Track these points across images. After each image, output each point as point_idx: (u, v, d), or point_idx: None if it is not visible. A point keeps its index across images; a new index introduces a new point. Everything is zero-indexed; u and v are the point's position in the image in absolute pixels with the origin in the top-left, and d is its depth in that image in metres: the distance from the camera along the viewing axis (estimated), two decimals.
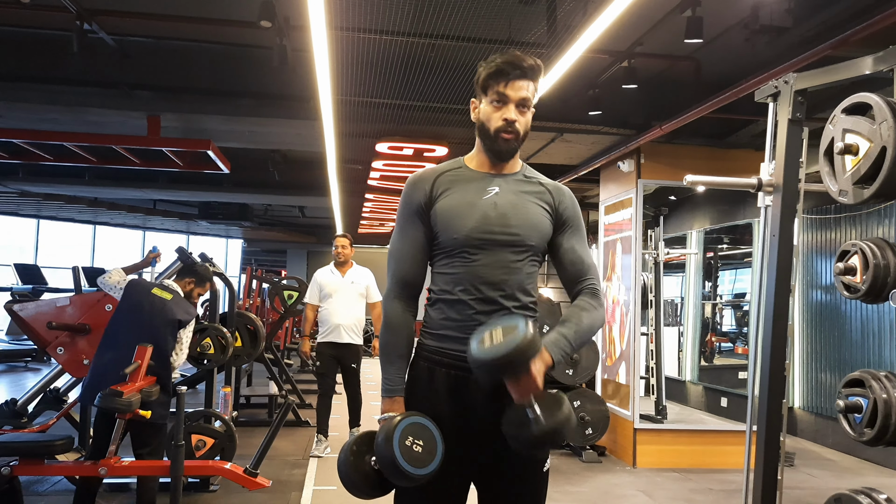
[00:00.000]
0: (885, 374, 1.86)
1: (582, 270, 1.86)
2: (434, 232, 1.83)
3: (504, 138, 1.80)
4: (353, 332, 5.63)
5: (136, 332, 3.61)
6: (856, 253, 1.97)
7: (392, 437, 1.65)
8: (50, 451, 3.61)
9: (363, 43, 4.39)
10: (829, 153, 2.03)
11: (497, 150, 1.83)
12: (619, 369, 6.11)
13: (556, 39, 4.08)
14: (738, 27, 4.28)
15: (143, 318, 3.65)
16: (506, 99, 1.79)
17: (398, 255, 1.87)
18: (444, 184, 1.85)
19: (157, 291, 3.74)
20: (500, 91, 1.78)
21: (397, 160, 6.81)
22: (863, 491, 1.84)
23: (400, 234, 1.88)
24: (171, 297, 3.75)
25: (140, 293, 3.74)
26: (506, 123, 1.79)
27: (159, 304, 3.70)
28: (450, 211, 1.80)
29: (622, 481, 5.28)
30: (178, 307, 3.75)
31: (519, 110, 1.80)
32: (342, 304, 5.63)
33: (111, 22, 4.62)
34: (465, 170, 1.88)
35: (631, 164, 5.94)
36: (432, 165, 1.93)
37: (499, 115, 1.80)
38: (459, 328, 1.77)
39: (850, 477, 5.71)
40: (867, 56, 2.12)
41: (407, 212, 1.86)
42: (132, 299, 3.72)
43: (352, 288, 5.71)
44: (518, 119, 1.80)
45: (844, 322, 6.64)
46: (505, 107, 1.79)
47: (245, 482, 3.93)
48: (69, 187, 9.97)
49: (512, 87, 1.78)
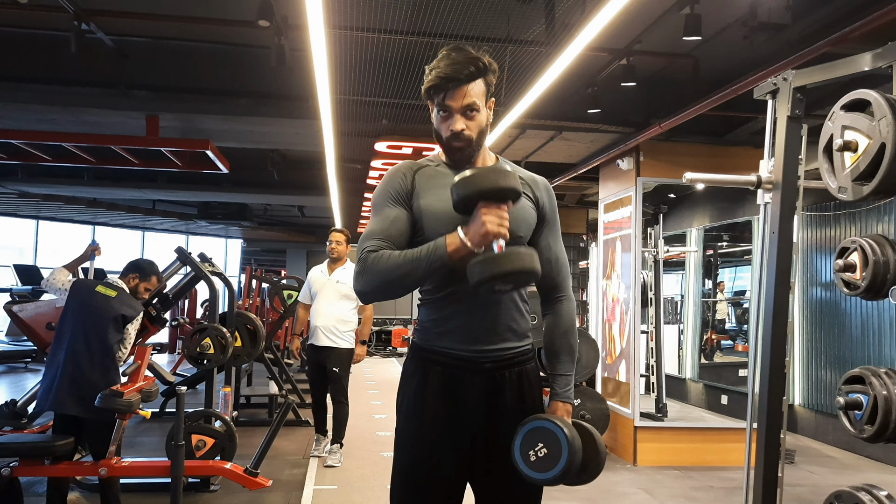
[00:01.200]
0: (885, 370, 1.86)
1: (556, 269, 1.91)
2: (417, 229, 1.78)
3: (455, 147, 1.77)
4: (332, 335, 5.28)
5: (82, 330, 3.64)
6: (855, 250, 1.96)
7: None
8: (50, 451, 3.62)
9: (362, 42, 4.38)
10: (828, 150, 2.03)
11: (453, 159, 1.81)
12: (620, 367, 6.11)
13: (554, 37, 4.08)
14: (737, 24, 4.27)
15: (88, 316, 3.68)
16: (449, 110, 1.74)
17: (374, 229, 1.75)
18: (424, 179, 1.80)
19: (101, 289, 3.76)
20: (442, 103, 1.74)
21: (396, 159, 6.80)
22: (863, 487, 1.84)
23: (379, 218, 1.77)
24: (115, 293, 3.77)
25: (84, 292, 3.76)
26: (452, 134, 1.75)
27: (103, 301, 3.72)
28: (434, 208, 1.76)
29: (623, 479, 5.28)
30: (122, 303, 3.76)
31: (466, 116, 1.74)
32: (323, 304, 5.37)
33: (109, 22, 4.62)
34: (442, 166, 1.84)
35: (630, 161, 5.93)
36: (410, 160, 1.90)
37: (446, 125, 1.76)
38: (455, 326, 1.77)
39: (851, 473, 5.72)
40: (866, 52, 2.12)
41: (387, 197, 1.78)
42: (77, 299, 3.75)
43: (335, 287, 5.39)
44: (466, 126, 1.75)
45: (844, 319, 6.64)
46: (451, 117, 1.74)
47: (245, 482, 3.94)
48: (68, 188, 9.96)
49: (451, 98, 1.72)
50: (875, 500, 1.79)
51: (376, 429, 6.81)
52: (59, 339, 3.69)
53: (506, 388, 1.79)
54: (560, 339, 1.91)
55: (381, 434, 6.55)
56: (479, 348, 1.77)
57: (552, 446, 1.68)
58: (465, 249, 1.61)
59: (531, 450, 1.69)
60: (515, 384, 1.81)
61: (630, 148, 5.81)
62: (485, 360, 1.77)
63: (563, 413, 1.82)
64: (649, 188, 6.69)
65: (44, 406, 3.60)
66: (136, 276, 4.01)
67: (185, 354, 4.79)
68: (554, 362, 1.90)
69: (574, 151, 6.66)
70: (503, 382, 1.79)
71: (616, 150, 5.95)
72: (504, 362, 1.80)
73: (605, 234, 6.58)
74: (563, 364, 1.89)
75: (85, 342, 3.63)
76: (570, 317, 1.93)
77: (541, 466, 1.68)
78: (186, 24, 4.72)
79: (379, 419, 7.36)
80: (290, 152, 8.16)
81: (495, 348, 1.79)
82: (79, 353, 3.61)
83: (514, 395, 1.80)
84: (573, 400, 1.88)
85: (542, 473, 1.67)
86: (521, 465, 1.69)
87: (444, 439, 1.76)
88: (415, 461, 1.79)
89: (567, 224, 9.83)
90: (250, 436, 5.88)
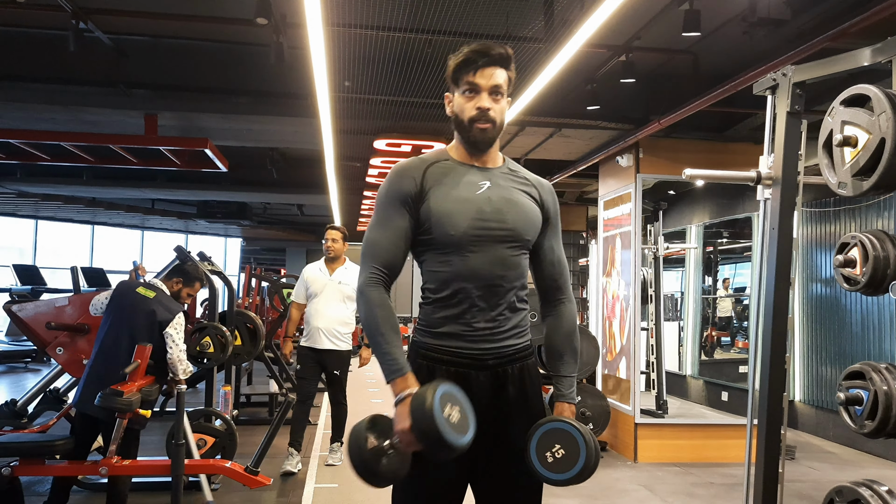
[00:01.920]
0: (885, 366, 1.86)
1: (559, 271, 1.94)
2: (425, 226, 1.78)
3: (479, 128, 1.78)
4: (334, 338, 5.11)
5: (116, 330, 3.64)
6: (855, 245, 1.96)
7: (433, 409, 1.53)
8: (50, 451, 3.62)
9: (360, 39, 4.37)
10: (827, 145, 2.02)
11: (473, 141, 1.80)
12: (620, 364, 6.11)
13: (553, 34, 4.07)
14: (736, 20, 4.27)
15: (123, 316, 3.67)
16: (477, 88, 1.76)
17: (379, 243, 1.78)
18: (434, 176, 1.80)
19: (141, 290, 3.75)
20: (471, 80, 1.76)
21: (396, 157, 6.80)
22: (864, 483, 1.84)
23: (381, 223, 1.79)
24: (153, 294, 3.75)
25: (124, 292, 3.77)
26: (479, 112, 1.76)
27: (141, 301, 3.70)
28: (444, 208, 1.76)
29: (623, 476, 5.29)
30: (160, 305, 3.72)
31: (492, 98, 1.77)
32: (325, 305, 5.15)
33: (107, 21, 4.61)
34: (452, 161, 1.85)
35: (630, 158, 5.93)
36: (417, 156, 1.89)
37: (472, 104, 1.77)
38: (458, 325, 1.77)
39: (851, 469, 5.72)
40: (865, 47, 2.11)
41: (391, 200, 1.79)
42: (116, 299, 3.76)
43: (338, 288, 5.18)
44: (492, 107, 1.77)
45: (845, 315, 6.65)
46: (477, 96, 1.77)
47: (246, 480, 3.94)
48: (67, 187, 9.95)
49: (482, 74, 1.76)
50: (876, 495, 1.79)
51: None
52: (100, 339, 3.70)
53: (509, 385, 1.80)
54: (563, 342, 1.92)
55: None
56: (482, 347, 1.77)
57: (570, 447, 1.69)
58: None
59: (548, 451, 1.70)
60: (518, 380, 1.81)
61: (630, 144, 5.81)
62: (487, 357, 1.77)
63: (569, 413, 1.84)
64: (649, 185, 6.69)
65: (87, 407, 3.55)
66: (179, 280, 3.99)
67: None
68: (558, 364, 1.91)
69: (573, 148, 6.66)
70: (506, 378, 1.80)
71: (615, 146, 5.94)
72: (506, 359, 1.80)
73: (604, 231, 6.58)
74: (567, 366, 1.91)
75: (116, 342, 3.62)
76: (571, 319, 1.95)
77: (558, 467, 1.69)
78: (185, 22, 4.71)
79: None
80: (290, 151, 8.15)
81: (497, 346, 1.79)
82: (109, 352, 3.61)
83: (517, 392, 1.81)
84: (576, 399, 1.90)
85: (560, 474, 1.69)
86: (538, 466, 1.70)
87: None
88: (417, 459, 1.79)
89: (567, 221, 9.82)
90: (251, 434, 5.88)
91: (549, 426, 1.72)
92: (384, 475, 1.67)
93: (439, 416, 1.53)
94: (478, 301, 1.76)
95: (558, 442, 1.70)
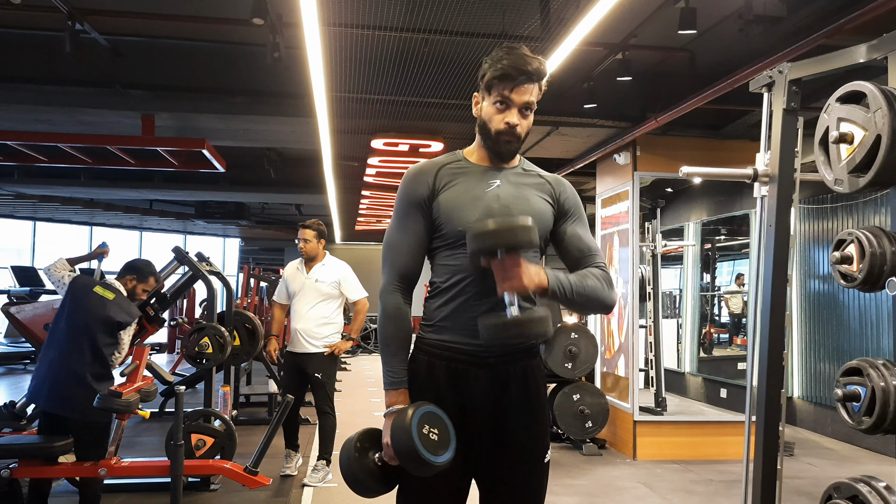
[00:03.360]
0: (882, 362, 1.86)
1: (589, 257, 1.84)
2: (437, 224, 1.81)
3: (505, 141, 1.80)
4: (312, 339, 4.77)
5: (76, 330, 3.60)
6: (852, 242, 1.96)
7: (410, 428, 1.63)
8: (49, 452, 3.61)
9: (356, 39, 4.37)
10: (824, 142, 2.03)
11: (497, 152, 1.83)
12: (618, 362, 6.11)
13: (549, 33, 4.07)
14: (732, 17, 4.27)
15: (82, 316, 3.63)
16: (510, 102, 1.77)
17: (397, 247, 1.84)
18: (447, 176, 1.83)
19: (99, 290, 3.70)
20: (505, 95, 1.76)
21: (393, 156, 6.80)
22: (862, 479, 1.84)
23: (399, 227, 1.85)
24: (113, 296, 3.71)
25: (82, 291, 3.70)
26: (508, 127, 1.78)
27: (99, 302, 3.66)
28: (453, 203, 1.79)
29: (622, 473, 5.29)
30: (119, 308, 3.70)
31: (522, 114, 1.79)
32: (303, 305, 4.84)
33: (103, 21, 4.60)
34: (466, 163, 1.87)
35: (627, 156, 5.93)
36: (431, 159, 1.91)
37: (501, 117, 1.78)
38: (460, 321, 1.77)
39: (850, 465, 5.73)
40: (861, 44, 2.11)
41: (407, 204, 1.84)
42: (74, 297, 3.69)
43: (315, 287, 4.83)
44: (520, 123, 1.79)
45: (842, 311, 6.66)
46: (508, 110, 1.78)
47: (245, 480, 3.94)
48: (65, 188, 9.94)
49: (517, 91, 1.76)
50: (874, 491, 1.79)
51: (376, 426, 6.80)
52: (53, 335, 3.65)
53: (511, 383, 1.79)
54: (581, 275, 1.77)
55: None
56: (482, 343, 1.76)
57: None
58: None
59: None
60: (521, 379, 1.81)
61: (627, 142, 5.81)
62: (489, 354, 1.77)
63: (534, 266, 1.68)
64: (646, 182, 6.70)
65: (32, 400, 3.59)
66: (133, 277, 3.97)
67: (184, 354, 4.79)
68: None
69: (571, 147, 6.66)
70: (508, 377, 1.79)
71: (613, 144, 5.95)
72: (508, 357, 1.79)
73: (602, 230, 6.58)
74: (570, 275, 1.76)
75: (77, 342, 3.59)
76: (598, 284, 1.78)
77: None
78: (181, 22, 4.71)
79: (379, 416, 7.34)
80: (287, 150, 8.14)
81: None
82: (70, 352, 3.57)
83: (520, 391, 1.80)
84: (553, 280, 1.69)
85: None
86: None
87: None
88: None
89: None
90: (250, 434, 5.88)
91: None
92: (370, 486, 1.78)
93: (416, 434, 1.63)
94: (478, 295, 1.76)
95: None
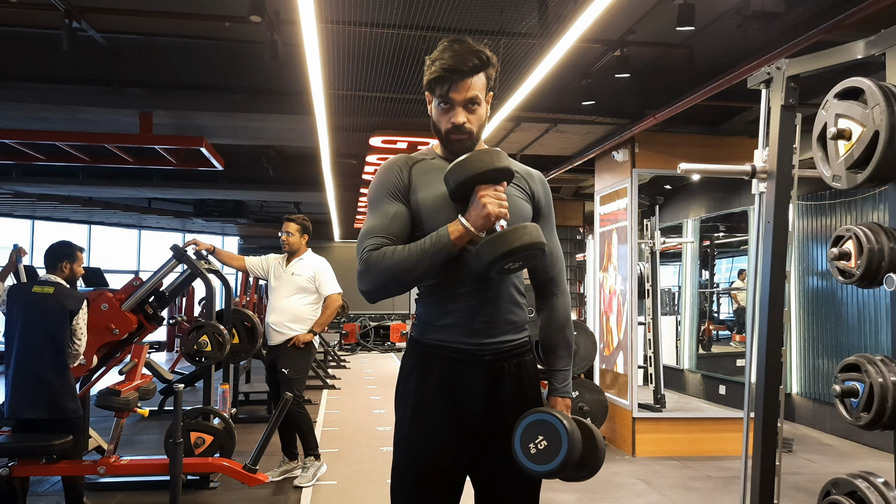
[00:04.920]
0: (880, 358, 1.86)
1: (551, 263, 1.92)
2: (416, 223, 1.77)
3: (455, 139, 1.77)
4: (282, 328, 4.70)
5: (28, 334, 3.64)
6: (850, 238, 1.96)
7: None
8: (48, 451, 3.62)
9: (354, 36, 4.37)
10: (822, 138, 2.02)
11: (451, 150, 1.80)
12: (617, 359, 6.12)
13: (547, 29, 4.07)
14: (731, 13, 4.27)
15: (31, 319, 3.67)
16: (452, 102, 1.73)
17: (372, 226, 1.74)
18: (420, 173, 1.80)
19: (38, 289, 3.74)
20: (444, 95, 1.73)
21: (392, 154, 6.78)
22: (860, 475, 1.84)
23: (373, 213, 1.77)
24: (52, 290, 3.75)
25: (22, 296, 3.74)
26: (453, 127, 1.75)
27: (41, 300, 3.70)
28: (431, 206, 1.75)
29: (621, 470, 5.30)
30: (64, 297, 3.74)
31: (468, 109, 1.74)
32: (277, 298, 4.80)
33: (100, 19, 4.60)
34: (438, 160, 1.84)
35: (625, 153, 5.93)
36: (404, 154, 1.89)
37: (447, 117, 1.75)
38: (455, 320, 1.77)
39: (848, 461, 5.74)
40: (859, 40, 2.11)
41: (383, 193, 1.78)
42: (17, 304, 3.73)
43: (291, 280, 4.78)
44: (468, 119, 1.75)
45: (841, 307, 6.66)
46: (452, 110, 1.74)
47: (244, 478, 3.95)
48: (63, 187, 9.92)
49: (455, 90, 1.71)
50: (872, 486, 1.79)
51: (375, 423, 6.82)
52: (8, 346, 3.68)
53: (505, 381, 1.80)
54: (557, 335, 1.92)
55: (380, 429, 6.56)
56: (478, 341, 1.77)
57: (552, 439, 1.69)
58: (468, 235, 1.65)
59: (531, 442, 1.70)
60: (515, 376, 1.81)
61: (625, 139, 5.81)
62: (484, 352, 1.77)
63: (563, 408, 1.85)
64: (645, 179, 6.69)
65: (11, 415, 3.62)
66: (65, 262, 3.96)
67: (183, 352, 4.79)
68: (552, 358, 1.92)
69: (569, 144, 6.66)
70: (502, 375, 1.79)
71: (611, 141, 5.94)
72: (503, 355, 1.80)
73: (601, 227, 6.58)
74: (561, 359, 1.91)
75: (33, 345, 3.62)
76: (565, 312, 1.94)
77: (541, 459, 1.69)
78: (178, 20, 4.70)
79: (378, 414, 7.37)
80: (285, 148, 8.13)
81: (494, 341, 1.78)
82: (28, 356, 3.62)
83: (514, 387, 1.81)
84: (571, 394, 1.91)
85: (542, 466, 1.69)
86: (522, 458, 1.71)
87: (444, 433, 1.76)
88: (415, 455, 1.79)
89: (563, 217, 9.83)
90: (249, 432, 5.89)
91: (533, 418, 1.72)
92: None
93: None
94: (470, 296, 1.76)
95: (541, 433, 1.70)
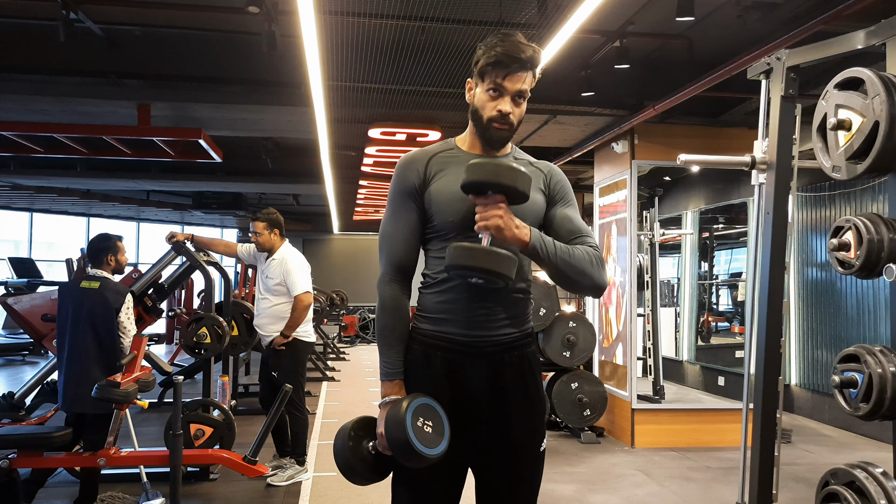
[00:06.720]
0: (879, 348, 1.87)
1: (580, 238, 1.79)
2: (428, 214, 1.80)
3: (496, 128, 1.78)
4: (265, 333, 4.65)
5: (80, 330, 3.69)
6: (849, 228, 1.96)
7: (405, 420, 1.64)
8: (48, 443, 3.63)
9: (353, 27, 4.34)
10: (822, 129, 2.02)
11: (489, 139, 1.81)
12: (616, 350, 6.12)
13: (546, 20, 4.05)
14: (730, 4, 4.24)
15: (82, 315, 3.72)
16: (503, 90, 1.75)
17: (391, 237, 1.83)
18: (438, 165, 1.82)
19: (85, 284, 3.79)
20: (498, 82, 1.74)
21: (390, 145, 6.77)
22: (859, 465, 1.85)
23: (392, 217, 1.84)
24: (98, 284, 3.79)
25: (71, 292, 3.79)
26: (500, 115, 1.76)
27: (91, 295, 3.75)
28: (444, 194, 1.78)
29: (621, 461, 5.31)
30: (109, 291, 3.78)
31: (514, 101, 1.77)
32: (258, 301, 4.75)
33: (97, 10, 4.57)
34: (457, 151, 1.86)
35: (625, 145, 5.92)
36: (422, 147, 1.90)
37: (493, 104, 1.76)
38: (455, 312, 1.77)
39: (847, 452, 5.76)
40: (859, 30, 2.11)
41: (399, 193, 1.83)
42: (67, 301, 3.78)
43: (264, 281, 4.71)
44: (513, 111, 1.77)
45: (840, 298, 6.67)
46: (501, 98, 1.76)
47: (244, 470, 3.96)
48: (61, 179, 9.90)
49: (510, 79, 1.74)
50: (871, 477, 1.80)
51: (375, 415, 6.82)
52: (61, 342, 3.76)
53: (507, 372, 1.80)
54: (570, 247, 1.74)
55: None
56: (480, 334, 1.77)
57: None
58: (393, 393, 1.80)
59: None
60: (517, 367, 1.81)
61: (624, 131, 5.80)
62: (484, 344, 1.77)
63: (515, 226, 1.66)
64: (644, 171, 6.69)
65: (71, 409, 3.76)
66: (109, 256, 3.98)
67: (183, 344, 4.79)
68: None
69: (568, 135, 6.64)
70: (504, 366, 1.79)
71: (610, 133, 5.93)
72: (504, 346, 1.80)
73: (600, 218, 6.58)
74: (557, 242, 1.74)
75: (83, 341, 3.69)
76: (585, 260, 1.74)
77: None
78: (176, 11, 4.67)
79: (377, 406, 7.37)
80: (284, 140, 8.11)
81: (495, 334, 1.78)
82: (80, 352, 3.69)
83: (515, 379, 1.81)
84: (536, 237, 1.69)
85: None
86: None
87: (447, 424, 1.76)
88: None
89: None
90: (249, 424, 5.90)
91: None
92: (364, 475, 1.81)
93: (410, 426, 1.64)
94: (472, 287, 1.75)
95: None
